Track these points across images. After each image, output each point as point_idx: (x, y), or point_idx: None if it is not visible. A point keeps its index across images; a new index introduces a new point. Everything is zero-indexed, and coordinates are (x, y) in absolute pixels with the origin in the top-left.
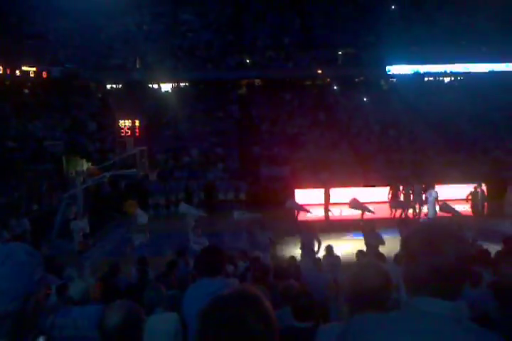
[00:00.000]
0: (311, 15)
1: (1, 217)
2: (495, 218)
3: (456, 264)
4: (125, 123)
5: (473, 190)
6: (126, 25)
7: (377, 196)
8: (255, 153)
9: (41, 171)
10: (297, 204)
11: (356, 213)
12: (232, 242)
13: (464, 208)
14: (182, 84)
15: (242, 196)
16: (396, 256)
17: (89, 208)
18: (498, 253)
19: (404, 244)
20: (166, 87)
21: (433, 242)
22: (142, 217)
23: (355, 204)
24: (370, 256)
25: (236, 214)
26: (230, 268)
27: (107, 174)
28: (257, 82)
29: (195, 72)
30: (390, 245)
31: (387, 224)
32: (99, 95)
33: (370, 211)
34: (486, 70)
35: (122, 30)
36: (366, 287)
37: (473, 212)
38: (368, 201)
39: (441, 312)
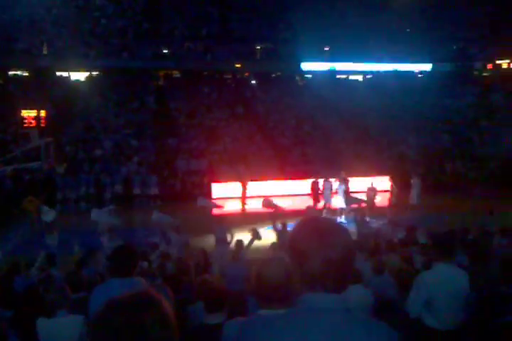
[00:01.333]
0: (229, 8)
1: None
2: (400, 208)
3: (345, 255)
4: (29, 113)
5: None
6: (33, 6)
7: (293, 189)
8: (172, 145)
9: None
10: (208, 201)
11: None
12: (146, 237)
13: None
14: (94, 73)
15: (158, 190)
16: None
17: None
18: (399, 241)
19: (291, 240)
20: (77, 75)
21: (323, 235)
22: (48, 215)
23: (267, 203)
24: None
25: (154, 215)
26: (144, 264)
27: (9, 168)
28: (175, 73)
29: (108, 60)
30: None
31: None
32: (1, 82)
33: (282, 210)
34: (392, 69)
35: (28, 12)
36: (269, 282)
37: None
38: (285, 194)
39: (331, 306)
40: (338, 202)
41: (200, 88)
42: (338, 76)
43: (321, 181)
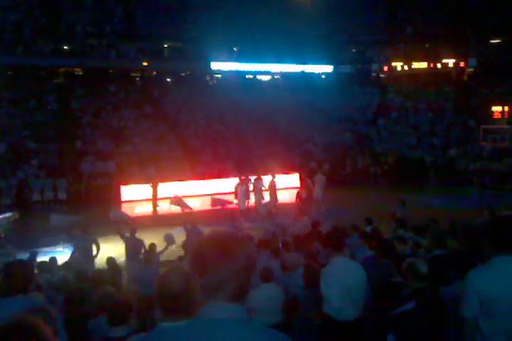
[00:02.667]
0: (133, 5)
1: None
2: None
3: (245, 266)
4: None
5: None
6: None
7: (205, 189)
8: (76, 147)
9: None
10: (121, 213)
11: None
12: (50, 246)
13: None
14: None
15: (62, 195)
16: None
17: None
18: (307, 236)
19: (194, 252)
20: None
21: (224, 247)
22: None
23: (175, 200)
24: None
25: (53, 218)
26: (45, 277)
27: None
28: (77, 70)
29: (1, 56)
30: None
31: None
32: None
33: (189, 207)
34: (298, 71)
35: None
36: (170, 292)
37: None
38: (197, 194)
39: (229, 317)
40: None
41: (106, 87)
42: (247, 76)
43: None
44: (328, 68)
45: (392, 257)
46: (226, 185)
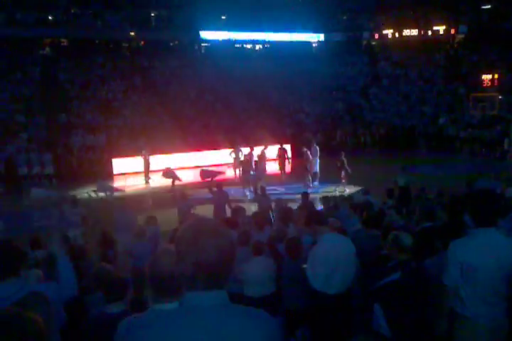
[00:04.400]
0: None
1: None
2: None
3: (218, 259)
4: None
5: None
6: None
7: (197, 160)
8: (64, 120)
9: None
10: (107, 185)
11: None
12: (41, 221)
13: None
14: None
15: (51, 169)
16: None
17: None
18: (297, 208)
19: (175, 239)
20: None
21: (198, 240)
22: None
23: (167, 173)
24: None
25: (33, 193)
26: (39, 253)
27: None
28: (63, 41)
29: None
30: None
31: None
32: None
33: (179, 179)
34: (288, 39)
35: None
36: (161, 274)
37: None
38: (186, 166)
39: (208, 303)
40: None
41: (93, 58)
42: (236, 45)
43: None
44: (319, 36)
45: (380, 229)
46: (217, 157)
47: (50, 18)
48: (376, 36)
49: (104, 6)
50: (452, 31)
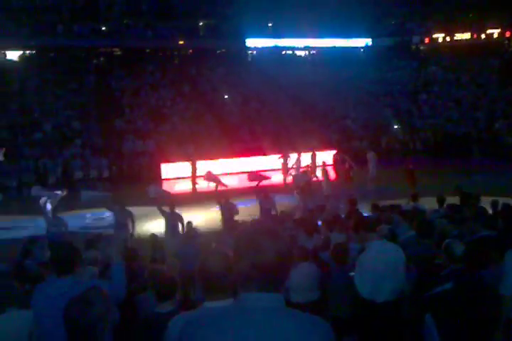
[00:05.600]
0: None
1: None
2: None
3: (275, 262)
4: None
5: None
6: None
7: (243, 166)
8: (117, 127)
9: None
10: (159, 190)
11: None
12: (95, 222)
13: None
14: (28, 52)
15: (105, 173)
16: None
17: None
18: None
19: (234, 240)
20: (10, 54)
21: (255, 241)
22: None
23: (209, 177)
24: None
25: (84, 195)
26: (92, 253)
27: None
28: (116, 51)
29: (42, 38)
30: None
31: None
32: None
33: (223, 184)
34: (335, 45)
35: None
36: (212, 273)
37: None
38: (233, 172)
39: (267, 305)
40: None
41: (144, 66)
42: (282, 52)
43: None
44: (367, 41)
45: (432, 237)
46: (263, 163)
47: (104, 29)
48: (426, 40)
49: (155, 17)
50: (507, 34)
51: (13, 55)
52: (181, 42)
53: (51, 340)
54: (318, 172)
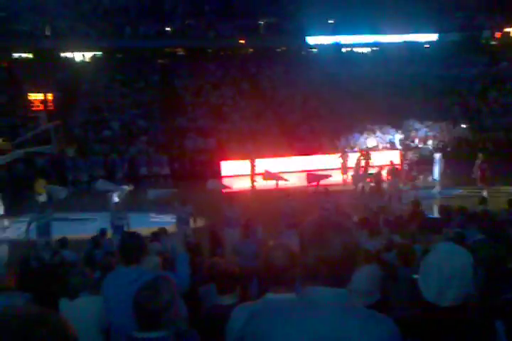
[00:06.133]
0: None
1: None
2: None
3: (342, 256)
4: (36, 97)
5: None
6: None
7: (302, 165)
8: (179, 125)
9: None
10: (218, 183)
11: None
12: (158, 217)
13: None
14: (98, 53)
15: (167, 170)
16: None
17: (2, 188)
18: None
19: (299, 233)
20: (81, 56)
21: (322, 235)
22: (60, 193)
23: (268, 175)
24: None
25: (150, 192)
26: (156, 245)
27: (20, 151)
28: (179, 51)
29: (111, 39)
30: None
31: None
32: (4, 65)
33: (284, 179)
34: (398, 41)
35: None
36: (275, 267)
37: None
38: (292, 170)
39: (331, 300)
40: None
41: (205, 65)
42: (343, 49)
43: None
44: (433, 37)
45: (503, 240)
46: (322, 161)
47: (168, 29)
48: (497, 35)
49: (216, 17)
50: None
51: (82, 56)
52: (242, 42)
53: (120, 325)
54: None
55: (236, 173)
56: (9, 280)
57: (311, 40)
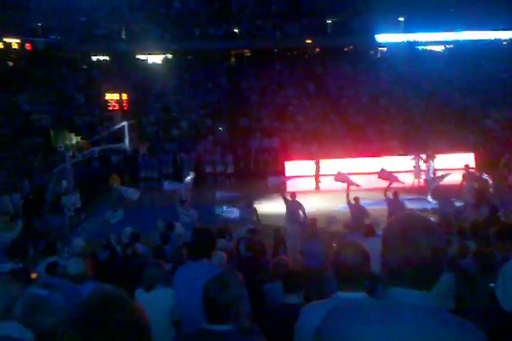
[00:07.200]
0: None
1: None
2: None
3: (430, 257)
4: (112, 97)
5: None
6: None
7: (367, 167)
8: (245, 124)
9: (29, 145)
10: (279, 179)
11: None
12: (223, 215)
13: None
14: (169, 55)
15: (231, 169)
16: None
17: (79, 183)
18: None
19: (382, 232)
20: (154, 58)
21: (408, 235)
22: (133, 194)
23: (340, 177)
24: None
25: (165, 185)
26: (222, 242)
27: (97, 148)
28: (246, 52)
29: (181, 41)
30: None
31: (376, 195)
32: (85, 67)
33: (355, 184)
34: (474, 38)
35: None
36: (346, 265)
37: None
38: (358, 172)
39: (414, 302)
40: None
41: (271, 66)
42: (415, 47)
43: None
44: (510, 34)
45: None
46: (390, 164)
47: (236, 31)
48: None
49: (283, 18)
50: None
51: (154, 59)
52: (309, 41)
53: (190, 318)
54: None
55: (300, 174)
56: (87, 268)
57: (380, 38)
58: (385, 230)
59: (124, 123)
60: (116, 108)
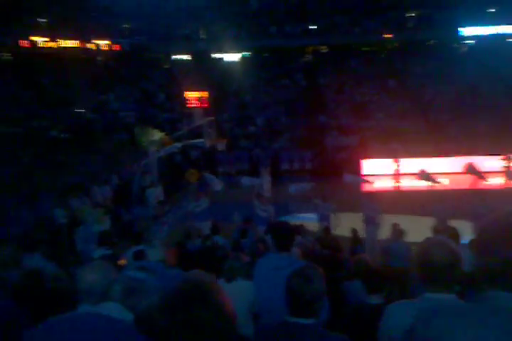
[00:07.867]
0: None
1: (83, 184)
2: None
3: None
4: (192, 95)
5: None
6: None
7: (450, 167)
8: (321, 122)
9: (117, 141)
10: (355, 177)
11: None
12: (297, 212)
13: None
14: (246, 53)
15: (308, 166)
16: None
17: (162, 176)
18: None
19: (479, 231)
20: (231, 56)
21: (509, 234)
22: (217, 184)
23: (423, 175)
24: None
25: (291, 188)
26: (297, 238)
27: (179, 144)
28: (323, 48)
29: (257, 39)
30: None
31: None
32: (167, 66)
33: (438, 182)
34: None
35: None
36: (434, 264)
37: None
38: (441, 172)
39: None
40: None
41: (349, 62)
42: (507, 40)
43: None
44: None
45: None
46: (479, 163)
47: (313, 28)
48: None
49: (361, 13)
50: None
51: (232, 57)
52: (388, 36)
53: (269, 309)
54: None
55: (377, 172)
56: (170, 257)
57: (466, 31)
58: (483, 230)
59: (204, 120)
60: (196, 105)
